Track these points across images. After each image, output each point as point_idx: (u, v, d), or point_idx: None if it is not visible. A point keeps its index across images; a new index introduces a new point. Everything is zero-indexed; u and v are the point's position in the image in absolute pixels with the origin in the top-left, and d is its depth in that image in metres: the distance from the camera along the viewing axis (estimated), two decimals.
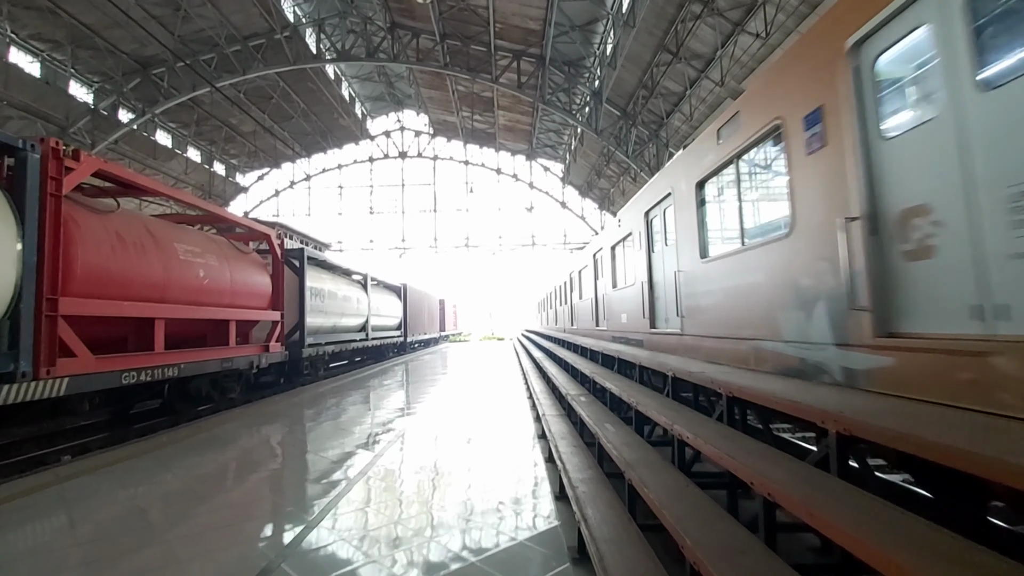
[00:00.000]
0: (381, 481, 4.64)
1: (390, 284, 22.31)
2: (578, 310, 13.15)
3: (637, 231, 7.09)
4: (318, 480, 4.67)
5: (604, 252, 9.51)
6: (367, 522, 3.66)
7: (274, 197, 38.31)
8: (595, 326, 10.55)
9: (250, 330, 9.95)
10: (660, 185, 6.17)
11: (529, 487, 4.45)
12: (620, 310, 8.33)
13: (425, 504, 4.03)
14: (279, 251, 10.34)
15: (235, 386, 9.02)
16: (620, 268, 8.47)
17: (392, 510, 3.94)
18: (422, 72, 29.00)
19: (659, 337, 6.22)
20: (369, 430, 6.75)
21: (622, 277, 8.33)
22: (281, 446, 6.09)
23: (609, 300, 9.24)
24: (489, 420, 7.32)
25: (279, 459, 5.53)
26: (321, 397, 9.81)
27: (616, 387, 4.99)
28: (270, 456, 5.67)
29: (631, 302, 7.48)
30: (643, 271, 6.82)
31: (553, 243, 36.81)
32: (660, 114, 21.90)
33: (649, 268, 6.68)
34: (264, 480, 4.81)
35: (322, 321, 13.00)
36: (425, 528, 3.54)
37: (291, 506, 4.01)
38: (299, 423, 7.38)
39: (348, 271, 16.49)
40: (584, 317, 12.05)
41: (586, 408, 5.07)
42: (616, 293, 8.69)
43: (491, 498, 4.12)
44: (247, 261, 9.41)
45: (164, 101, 24.52)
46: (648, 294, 6.66)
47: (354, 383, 12.11)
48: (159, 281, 6.78)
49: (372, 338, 17.90)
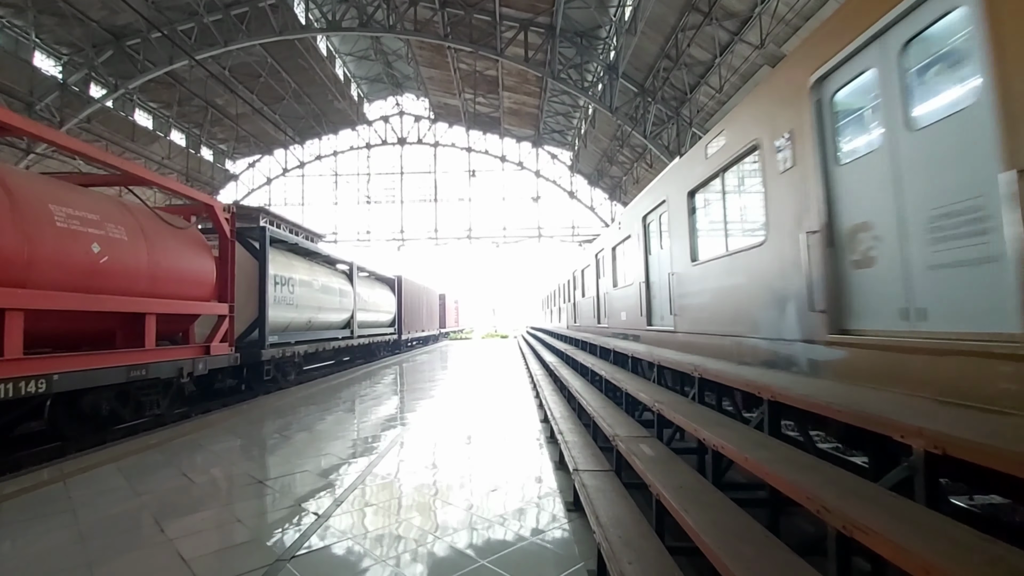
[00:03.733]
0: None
1: (382, 276, 20.25)
2: (581, 308, 13.59)
3: (636, 234, 7.40)
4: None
5: (605, 252, 9.75)
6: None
7: (266, 185, 36.29)
8: (596, 323, 10.89)
9: (190, 327, 7.91)
10: (656, 192, 6.59)
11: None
12: (620, 308, 8.57)
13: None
14: (227, 228, 8.26)
15: (159, 399, 6.95)
16: (620, 268, 8.72)
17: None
18: (421, 48, 26.86)
19: (654, 333, 6.52)
20: (303, 489, 4.65)
21: (622, 277, 8.59)
22: (163, 510, 4.00)
23: (611, 298, 9.46)
24: (488, 468, 5.21)
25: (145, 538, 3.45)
26: (276, 413, 7.75)
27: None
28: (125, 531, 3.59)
29: (631, 300, 7.75)
30: (641, 272, 7.10)
31: (561, 235, 34.61)
32: (683, 88, 19.66)
33: (646, 269, 6.95)
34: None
35: (292, 316, 10.94)
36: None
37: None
38: (216, 460, 5.30)
39: (330, 258, 14.43)
40: (587, 314, 12.50)
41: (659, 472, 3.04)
42: (616, 292, 8.96)
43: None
44: (180, 238, 7.34)
45: (139, 75, 22.46)
46: (645, 293, 6.93)
47: (327, 392, 10.04)
48: (13, 256, 4.71)
49: (359, 336, 15.84)
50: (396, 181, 36.10)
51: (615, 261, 9.07)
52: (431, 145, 35.84)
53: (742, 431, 2.92)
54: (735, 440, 2.66)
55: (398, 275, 21.75)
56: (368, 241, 35.53)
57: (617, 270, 8.97)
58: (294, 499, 3.96)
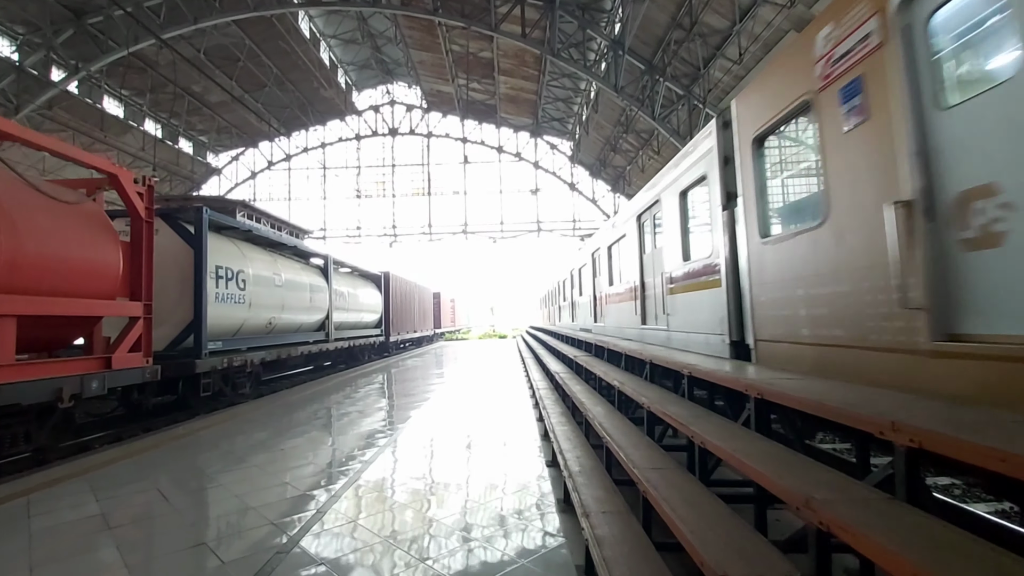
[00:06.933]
0: None
1: (367, 272, 18.45)
2: (563, 310, 13.54)
3: (631, 233, 7.31)
4: None
5: (602, 251, 9.66)
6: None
7: (250, 180, 34.46)
8: (571, 321, 10.85)
9: (92, 332, 6.12)
10: (649, 193, 6.33)
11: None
12: (616, 307, 8.45)
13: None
14: (141, 205, 6.46)
15: (29, 431, 5.15)
16: (616, 267, 8.60)
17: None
18: (410, 28, 25.04)
19: (650, 332, 6.30)
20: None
21: (617, 276, 8.47)
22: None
23: (579, 304, 9.54)
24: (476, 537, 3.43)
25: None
26: (200, 446, 5.97)
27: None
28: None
29: (626, 300, 7.67)
30: (636, 272, 6.99)
31: (561, 229, 32.80)
32: (696, 64, 17.86)
33: (640, 269, 6.84)
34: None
35: (244, 316, 9.15)
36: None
37: None
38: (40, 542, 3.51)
39: (299, 250, 12.64)
40: (566, 316, 12.49)
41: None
42: (612, 290, 8.83)
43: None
44: (65, 216, 5.55)
45: (102, 56, 20.64)
46: (640, 292, 6.84)
47: (282, 412, 8.27)
48: None
49: (337, 339, 14.05)
50: (387, 174, 34.28)
51: (611, 260, 8.80)
52: (424, 136, 34.02)
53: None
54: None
55: (385, 271, 19.94)
56: (358, 237, 33.73)
57: (613, 269, 8.76)
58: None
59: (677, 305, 5.19)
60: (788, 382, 2.49)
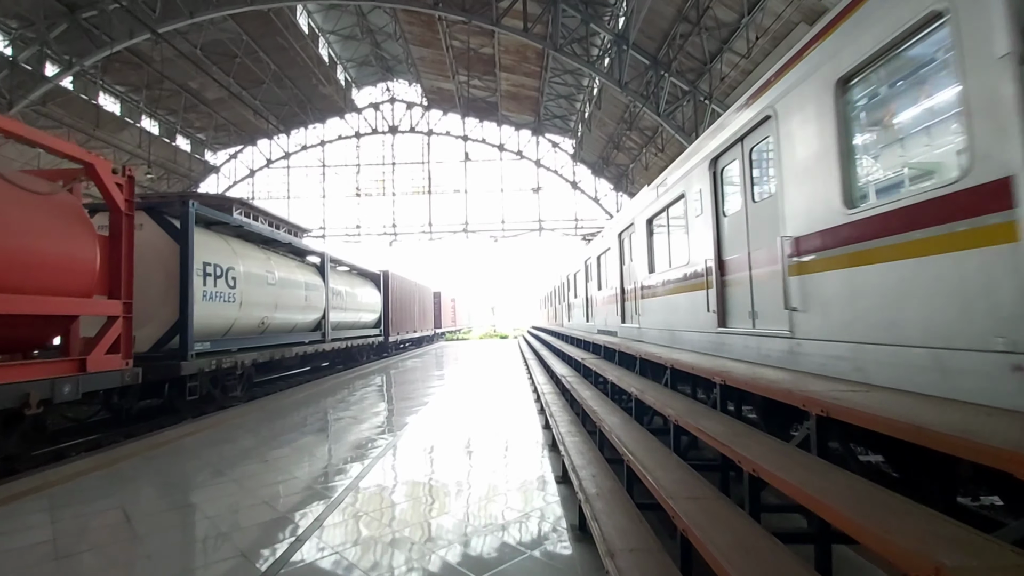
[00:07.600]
0: None
1: (365, 271, 18.04)
2: (574, 308, 14.30)
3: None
4: None
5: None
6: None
7: (249, 178, 34.05)
8: (585, 321, 11.77)
9: (68, 332, 5.72)
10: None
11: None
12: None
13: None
14: (120, 197, 6.05)
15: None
16: (603, 275, 9.46)
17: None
18: (410, 23, 24.64)
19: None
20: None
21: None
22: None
23: (597, 300, 10.28)
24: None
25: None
26: (177, 454, 5.56)
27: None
28: None
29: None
30: (616, 279, 8.15)
31: (563, 228, 32.36)
32: (702, 58, 17.44)
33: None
34: None
35: (233, 316, 8.74)
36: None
37: None
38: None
39: (294, 247, 12.24)
40: (578, 315, 13.34)
41: None
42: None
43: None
44: (35, 207, 5.15)
45: (97, 51, 20.25)
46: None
47: (272, 416, 7.86)
48: None
49: (333, 339, 13.64)
50: (387, 172, 33.85)
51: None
52: (424, 133, 33.60)
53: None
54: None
55: (384, 270, 19.53)
56: (358, 236, 33.31)
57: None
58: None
59: (826, 291, 2.89)
60: (855, 395, 2.07)
